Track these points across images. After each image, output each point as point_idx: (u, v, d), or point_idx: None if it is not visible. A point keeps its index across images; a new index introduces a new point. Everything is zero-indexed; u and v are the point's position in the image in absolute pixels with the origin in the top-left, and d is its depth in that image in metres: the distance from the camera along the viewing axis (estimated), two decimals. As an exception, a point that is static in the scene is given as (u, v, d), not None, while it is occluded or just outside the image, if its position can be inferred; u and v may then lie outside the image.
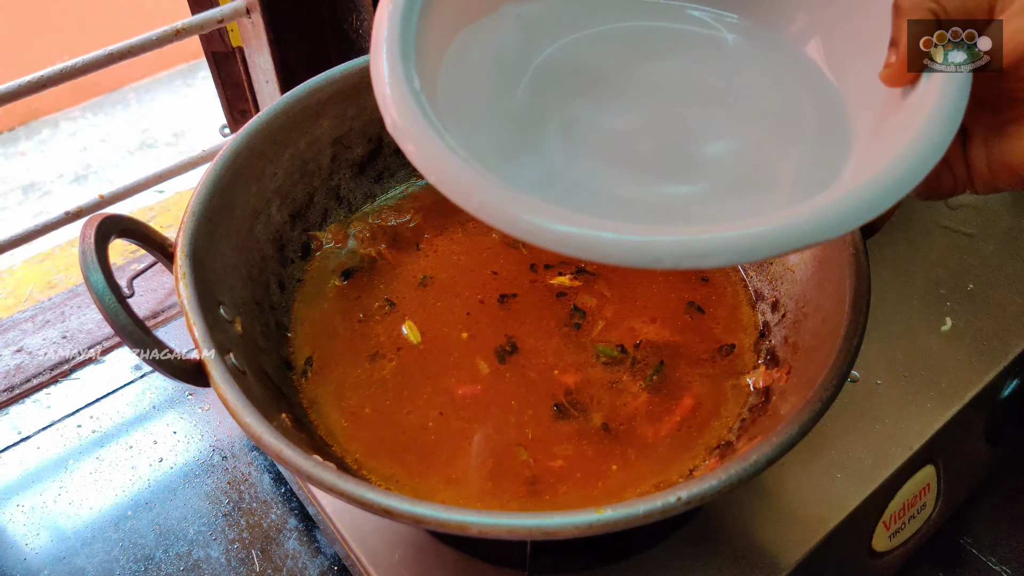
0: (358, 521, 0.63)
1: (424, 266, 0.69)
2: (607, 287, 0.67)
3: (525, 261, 0.69)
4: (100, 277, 0.46)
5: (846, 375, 0.49)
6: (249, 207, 0.62)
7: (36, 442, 0.78)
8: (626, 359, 0.62)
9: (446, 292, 0.67)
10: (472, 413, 0.59)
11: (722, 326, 0.65)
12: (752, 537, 0.63)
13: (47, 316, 0.91)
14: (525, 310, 0.65)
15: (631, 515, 0.43)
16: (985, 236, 0.84)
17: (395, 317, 0.65)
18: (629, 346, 0.63)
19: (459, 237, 0.71)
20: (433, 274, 0.68)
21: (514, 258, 0.69)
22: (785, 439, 0.46)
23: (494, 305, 0.66)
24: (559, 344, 0.63)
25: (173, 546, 0.70)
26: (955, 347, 0.75)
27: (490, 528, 0.42)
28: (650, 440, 0.58)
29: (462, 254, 0.70)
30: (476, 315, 0.65)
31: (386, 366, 0.62)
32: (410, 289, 0.67)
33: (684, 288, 0.68)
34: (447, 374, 0.62)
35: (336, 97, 0.67)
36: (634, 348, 0.63)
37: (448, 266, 0.69)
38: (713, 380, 0.62)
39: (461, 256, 0.70)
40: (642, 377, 0.61)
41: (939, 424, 0.70)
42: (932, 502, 0.74)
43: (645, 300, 0.67)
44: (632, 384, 0.61)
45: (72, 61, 0.79)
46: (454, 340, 0.64)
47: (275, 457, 0.44)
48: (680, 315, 0.66)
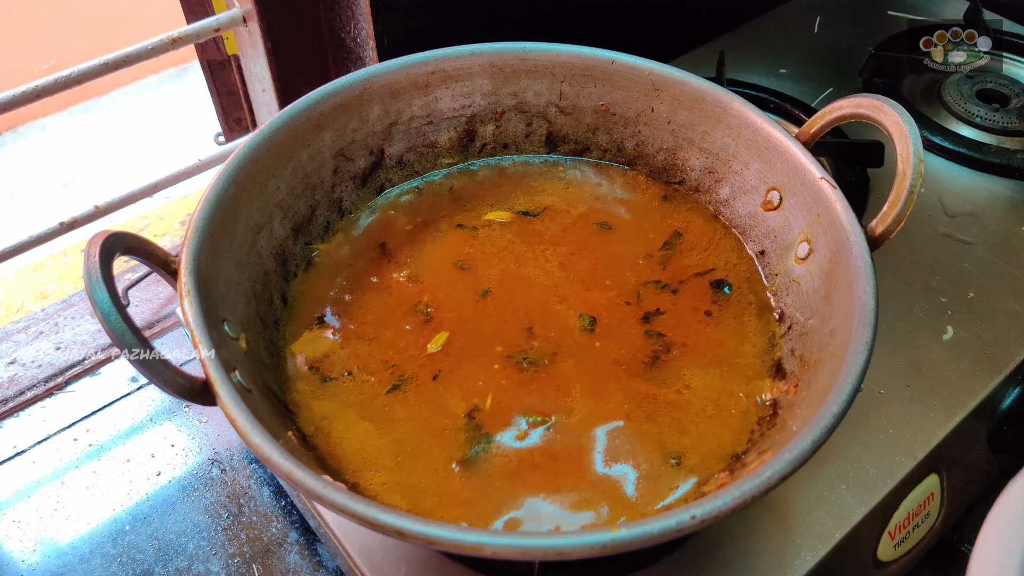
0: (363, 535, 0.62)
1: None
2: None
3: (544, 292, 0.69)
4: (106, 296, 0.45)
5: (857, 388, 0.49)
6: (252, 221, 0.61)
7: (31, 456, 0.77)
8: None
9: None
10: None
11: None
12: (757, 550, 0.63)
13: (40, 327, 0.90)
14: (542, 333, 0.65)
15: (646, 534, 0.42)
16: (984, 244, 0.85)
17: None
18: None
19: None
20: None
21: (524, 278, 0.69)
22: (798, 454, 0.46)
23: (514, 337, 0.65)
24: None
25: (172, 561, 0.69)
26: (957, 356, 0.75)
27: (503, 549, 0.42)
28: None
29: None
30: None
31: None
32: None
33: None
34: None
35: (338, 110, 0.67)
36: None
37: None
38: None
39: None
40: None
41: (943, 433, 0.70)
42: (936, 511, 0.74)
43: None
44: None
45: (67, 71, 0.78)
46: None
47: (285, 478, 0.43)
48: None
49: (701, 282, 0.68)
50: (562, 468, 0.56)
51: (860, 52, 1.08)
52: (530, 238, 0.71)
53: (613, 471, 0.56)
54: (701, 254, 0.70)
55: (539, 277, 0.68)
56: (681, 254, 0.70)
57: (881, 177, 0.89)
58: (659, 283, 0.68)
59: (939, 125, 0.97)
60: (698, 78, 0.69)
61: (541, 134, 0.76)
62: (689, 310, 0.66)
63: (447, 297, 0.66)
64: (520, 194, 0.75)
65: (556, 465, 0.56)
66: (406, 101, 0.71)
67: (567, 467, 0.56)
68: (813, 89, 1.03)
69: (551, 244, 0.71)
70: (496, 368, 0.62)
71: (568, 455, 0.57)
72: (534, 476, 0.56)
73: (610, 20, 1.02)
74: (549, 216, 0.73)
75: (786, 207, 0.65)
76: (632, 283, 0.68)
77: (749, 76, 1.03)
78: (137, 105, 2.36)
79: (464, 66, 0.71)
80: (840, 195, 0.60)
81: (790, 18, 1.16)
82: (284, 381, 0.60)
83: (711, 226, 0.72)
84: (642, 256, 0.70)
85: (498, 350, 0.63)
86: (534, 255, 0.70)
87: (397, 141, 0.72)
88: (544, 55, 0.72)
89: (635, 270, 0.69)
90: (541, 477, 0.56)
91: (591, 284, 0.68)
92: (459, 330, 0.64)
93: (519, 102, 0.74)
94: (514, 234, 0.71)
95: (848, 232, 0.58)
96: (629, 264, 0.69)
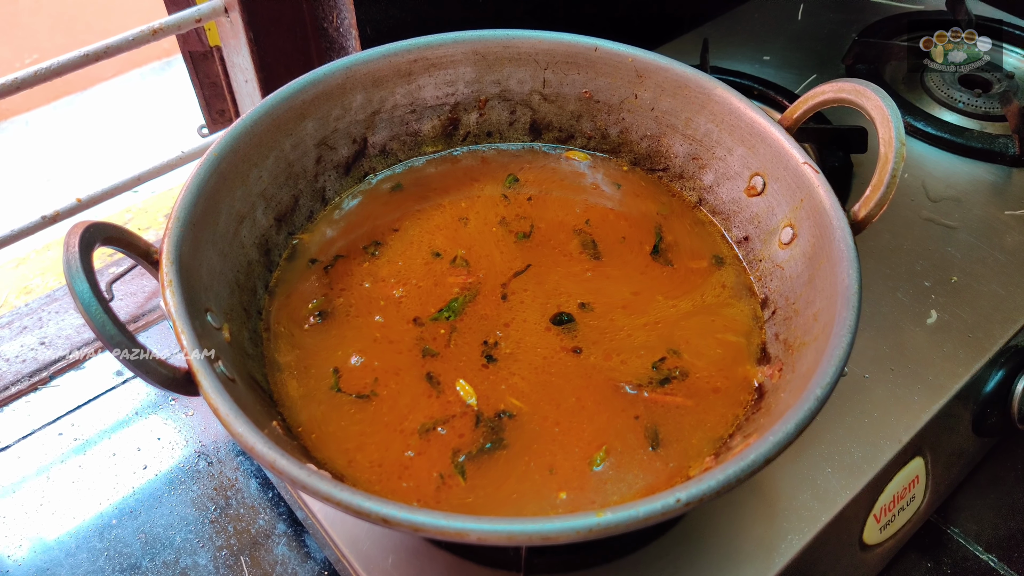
0: (349, 525, 0.62)
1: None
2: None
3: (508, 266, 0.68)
4: (86, 286, 0.45)
5: (840, 371, 0.49)
6: (234, 211, 0.61)
7: (16, 451, 0.76)
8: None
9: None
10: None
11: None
12: (744, 534, 0.63)
13: (24, 322, 0.90)
14: (515, 314, 0.65)
15: (631, 518, 0.42)
16: (967, 229, 0.85)
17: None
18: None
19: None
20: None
21: (499, 260, 0.69)
22: (782, 436, 0.46)
23: (487, 306, 0.65)
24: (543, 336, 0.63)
25: (160, 554, 0.69)
26: (941, 339, 0.75)
27: (489, 535, 0.41)
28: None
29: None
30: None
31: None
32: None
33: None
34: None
35: (320, 98, 0.67)
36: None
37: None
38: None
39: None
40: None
41: (928, 416, 0.70)
42: (921, 494, 0.75)
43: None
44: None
45: (47, 63, 0.77)
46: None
47: (269, 467, 0.43)
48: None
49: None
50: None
51: (843, 39, 1.09)
52: (511, 225, 0.71)
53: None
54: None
55: (514, 265, 0.68)
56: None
57: (864, 163, 0.89)
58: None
59: (922, 111, 0.97)
60: (681, 64, 0.69)
61: (525, 122, 0.76)
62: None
63: (432, 287, 0.66)
64: (503, 182, 0.74)
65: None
66: (389, 89, 0.70)
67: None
68: (796, 76, 1.03)
69: (532, 231, 0.70)
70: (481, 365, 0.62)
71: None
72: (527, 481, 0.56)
73: (595, 8, 1.02)
74: (531, 203, 0.73)
75: (769, 192, 0.65)
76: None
77: (733, 63, 1.03)
78: (120, 100, 2.34)
79: (447, 54, 0.71)
80: (823, 179, 0.60)
81: (774, 5, 1.17)
82: (268, 370, 0.60)
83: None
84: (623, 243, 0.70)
85: (480, 345, 0.63)
86: (513, 243, 0.70)
87: (380, 130, 0.72)
88: (527, 42, 0.71)
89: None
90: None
91: (574, 277, 0.68)
92: (458, 323, 0.64)
93: (502, 90, 0.74)
94: (498, 221, 0.71)
95: (831, 216, 0.58)
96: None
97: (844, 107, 0.62)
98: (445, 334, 0.63)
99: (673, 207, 0.73)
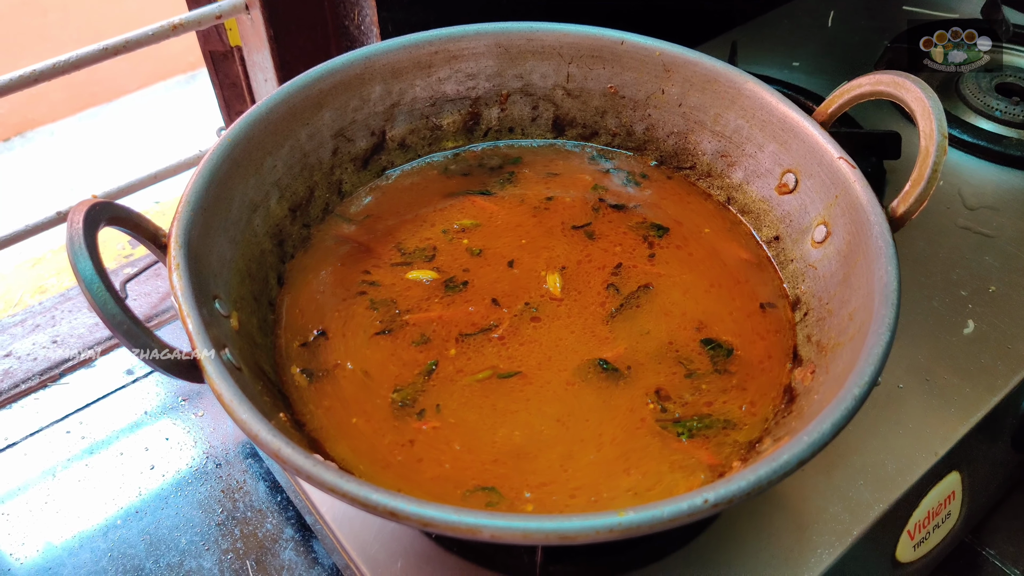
0: (358, 529, 0.60)
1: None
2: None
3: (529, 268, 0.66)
4: (89, 265, 0.43)
5: (880, 370, 0.46)
6: (247, 199, 0.59)
7: (23, 448, 0.75)
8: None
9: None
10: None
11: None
12: (770, 548, 0.60)
13: (37, 320, 0.89)
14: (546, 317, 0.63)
15: (655, 518, 0.40)
16: (1005, 238, 0.82)
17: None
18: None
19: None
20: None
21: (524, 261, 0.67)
22: (818, 437, 0.43)
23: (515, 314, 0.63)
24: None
25: (164, 556, 0.67)
26: (978, 350, 0.72)
27: (503, 531, 0.39)
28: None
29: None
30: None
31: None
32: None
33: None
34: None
35: (338, 88, 0.65)
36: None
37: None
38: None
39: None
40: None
41: (965, 429, 0.67)
42: (957, 511, 0.71)
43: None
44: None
45: (66, 55, 0.77)
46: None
47: (273, 455, 0.41)
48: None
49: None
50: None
51: (875, 46, 1.06)
52: (529, 223, 0.69)
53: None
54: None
55: (532, 260, 0.66)
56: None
57: (898, 169, 0.86)
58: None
59: (958, 118, 0.95)
60: (711, 58, 0.67)
61: (548, 118, 0.74)
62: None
63: (457, 278, 0.64)
64: (525, 178, 0.72)
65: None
66: (408, 81, 0.69)
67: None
68: (827, 82, 1.01)
69: (549, 230, 0.68)
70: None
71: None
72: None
73: (620, 10, 1.00)
74: (552, 202, 0.71)
75: (802, 189, 0.63)
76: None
77: (762, 69, 1.01)
78: (145, 112, 2.36)
79: (468, 46, 0.69)
80: (859, 175, 0.57)
81: (804, 12, 1.15)
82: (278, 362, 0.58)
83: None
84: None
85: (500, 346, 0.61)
86: (531, 241, 0.67)
87: (399, 123, 0.70)
88: (551, 35, 0.70)
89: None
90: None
91: (596, 268, 0.65)
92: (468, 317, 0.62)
93: (525, 84, 0.72)
94: (518, 219, 0.69)
95: (868, 212, 0.55)
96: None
97: (875, 113, 0.59)
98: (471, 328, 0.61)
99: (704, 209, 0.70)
